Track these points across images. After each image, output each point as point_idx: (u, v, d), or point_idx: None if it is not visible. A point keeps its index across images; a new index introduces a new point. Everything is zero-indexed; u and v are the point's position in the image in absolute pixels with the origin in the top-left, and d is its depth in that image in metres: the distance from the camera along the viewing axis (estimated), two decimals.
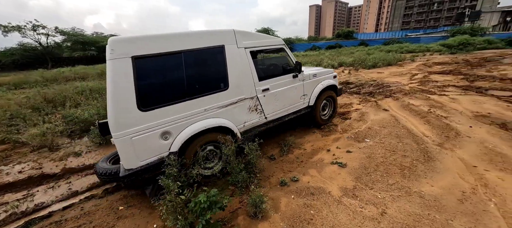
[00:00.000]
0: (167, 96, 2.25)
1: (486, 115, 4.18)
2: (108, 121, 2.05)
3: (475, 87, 6.62)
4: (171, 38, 2.25)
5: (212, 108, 2.55)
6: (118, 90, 1.99)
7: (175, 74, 2.31)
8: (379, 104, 5.24)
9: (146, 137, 2.15)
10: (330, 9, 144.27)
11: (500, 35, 29.22)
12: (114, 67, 1.98)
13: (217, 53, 2.57)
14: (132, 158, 2.13)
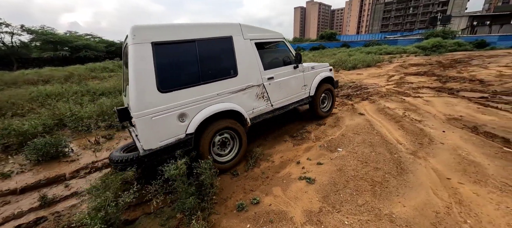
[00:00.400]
0: (183, 80, 2.42)
1: (458, 118, 4.13)
2: (129, 103, 2.25)
3: (447, 88, 6.74)
4: (186, 27, 2.48)
5: (224, 93, 2.73)
6: (139, 72, 2.13)
7: (190, 60, 2.49)
8: (355, 107, 5.07)
9: (164, 117, 2.27)
10: (314, 11, 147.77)
11: (468, 38, 31.39)
12: (136, 52, 2.13)
13: (226, 43, 2.80)
14: (152, 139, 2.23)
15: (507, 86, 6.60)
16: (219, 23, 2.78)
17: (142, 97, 2.15)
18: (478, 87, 6.58)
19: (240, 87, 2.90)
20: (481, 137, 3.27)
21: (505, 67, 11.15)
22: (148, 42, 2.19)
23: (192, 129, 2.46)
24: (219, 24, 2.76)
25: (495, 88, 6.48)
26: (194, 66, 2.50)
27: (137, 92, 2.13)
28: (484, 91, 6.18)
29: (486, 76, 8.58)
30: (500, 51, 22.08)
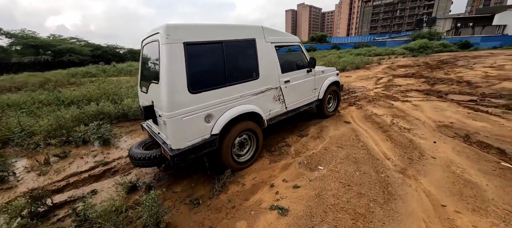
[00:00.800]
0: (211, 81, 2.43)
1: (448, 124, 3.85)
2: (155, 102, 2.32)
3: (435, 91, 6.54)
4: (215, 28, 2.46)
5: (246, 95, 2.76)
6: (172, 73, 2.10)
7: (217, 61, 2.48)
8: (341, 114, 4.72)
9: (193, 118, 2.28)
10: (305, 14, 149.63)
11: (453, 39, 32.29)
12: (169, 51, 2.09)
13: (250, 45, 2.82)
14: (181, 139, 2.23)
15: (494, 88, 6.47)
16: (243, 25, 2.81)
17: (174, 97, 2.14)
18: (466, 90, 6.42)
19: (260, 90, 2.94)
20: (475, 148, 2.97)
21: (490, 68, 11.23)
22: (181, 42, 2.16)
23: (217, 129, 2.48)
24: (243, 26, 2.79)
25: (483, 90, 6.33)
26: (221, 68, 2.51)
27: (169, 92, 2.11)
28: (473, 93, 6.00)
29: (472, 77, 8.51)
30: (483, 52, 22.69)
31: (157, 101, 2.36)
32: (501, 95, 5.60)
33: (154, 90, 2.39)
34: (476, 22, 42.89)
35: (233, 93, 2.61)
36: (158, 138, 2.53)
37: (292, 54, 3.99)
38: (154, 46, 2.37)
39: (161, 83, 2.13)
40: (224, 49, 2.50)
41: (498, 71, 9.56)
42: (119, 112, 5.36)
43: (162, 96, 2.14)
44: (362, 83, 8.50)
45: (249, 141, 3.00)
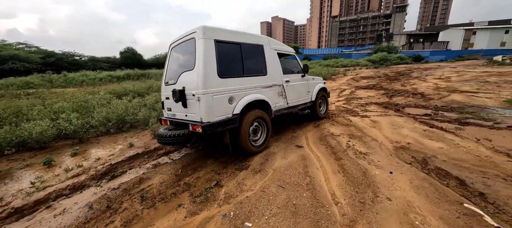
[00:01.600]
0: (233, 71, 3.09)
1: (405, 146, 3.47)
2: (189, 87, 2.83)
3: (393, 104, 6.46)
4: (235, 33, 3.22)
5: (258, 87, 3.42)
6: (206, 60, 2.73)
7: (237, 57, 3.18)
8: (295, 135, 4.12)
9: (220, 98, 2.85)
10: (279, 26, 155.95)
11: (408, 53, 35.85)
12: (204, 44, 2.76)
13: (259, 49, 3.59)
14: (211, 113, 2.76)
15: (445, 100, 6.62)
16: (254, 34, 3.53)
17: (208, 79, 2.72)
18: (421, 102, 6.44)
19: (268, 84, 3.61)
20: (434, 179, 2.52)
21: (439, 79, 12.13)
22: (212, 39, 2.85)
23: (238, 110, 3.04)
24: (254, 35, 3.53)
25: (436, 102, 6.41)
26: (240, 62, 3.18)
27: (204, 74, 2.69)
28: (427, 106, 6.00)
29: (425, 89, 8.88)
30: (432, 64, 25.35)
31: (190, 84, 2.84)
32: (452, 108, 5.64)
33: (187, 77, 2.92)
34: (425, 38, 48.71)
35: (248, 83, 3.26)
36: (186, 119, 3.01)
37: (290, 62, 4.64)
38: (188, 44, 3.00)
39: (198, 68, 2.71)
40: (241, 49, 3.22)
41: (446, 83, 10.26)
42: (15, 139, 4.03)
43: (198, 78, 2.68)
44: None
45: (260, 128, 3.56)
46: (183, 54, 3.25)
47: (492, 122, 4.48)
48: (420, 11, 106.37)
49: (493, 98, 6.63)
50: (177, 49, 3.36)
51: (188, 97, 2.89)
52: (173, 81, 3.20)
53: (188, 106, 2.93)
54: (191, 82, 2.81)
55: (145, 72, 21.78)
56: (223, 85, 2.88)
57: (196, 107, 2.78)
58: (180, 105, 2.99)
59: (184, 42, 3.13)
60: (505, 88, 8.26)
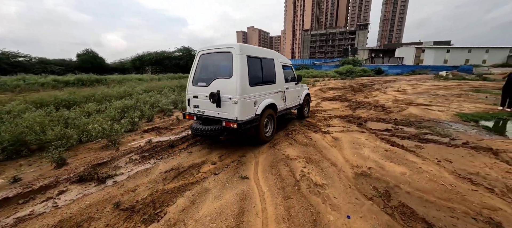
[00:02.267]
0: (258, 80, 3.85)
1: (366, 172, 2.98)
2: (225, 91, 3.46)
3: (356, 117, 6.23)
4: (258, 49, 4.06)
5: (270, 93, 4.21)
6: (243, 73, 3.42)
7: (260, 69, 3.95)
8: (243, 162, 3.37)
9: (250, 102, 3.60)
10: (255, 36, 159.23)
11: (370, 66, 38.93)
12: (241, 60, 3.44)
13: (272, 62, 4.42)
14: (243, 113, 3.45)
15: (404, 114, 6.65)
16: (268, 50, 4.41)
17: (244, 87, 3.43)
18: (382, 116, 6.34)
19: (276, 91, 4.46)
20: (398, 223, 1.98)
21: (397, 91, 12.84)
22: (245, 55, 3.56)
23: (260, 111, 3.82)
24: (268, 51, 4.41)
25: (395, 116, 6.37)
26: (260, 73, 3.97)
27: (241, 84, 3.38)
28: (388, 120, 5.87)
29: (386, 101, 9.09)
30: (391, 77, 27.68)
31: (226, 89, 3.48)
32: (410, 123, 5.56)
33: (222, 83, 3.55)
34: (384, 53, 53.90)
35: (265, 90, 4.08)
36: (219, 117, 3.65)
37: (288, 72, 5.39)
38: (224, 55, 3.68)
39: (236, 78, 3.40)
40: (261, 62, 4.04)
41: (404, 96, 10.79)
42: None
43: (236, 86, 3.38)
44: None
45: (269, 123, 4.35)
46: (217, 63, 3.91)
47: (448, 138, 4.37)
48: (379, 29, 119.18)
49: (445, 112, 6.88)
50: (209, 57, 3.95)
51: (223, 99, 3.50)
52: (204, 84, 3.80)
53: (221, 107, 3.56)
54: (227, 87, 3.46)
55: (102, 78, 19.13)
56: (251, 92, 3.63)
57: (231, 108, 3.45)
58: (211, 104, 3.63)
59: (219, 53, 3.79)
60: (453, 101, 8.86)
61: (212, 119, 3.75)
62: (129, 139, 4.81)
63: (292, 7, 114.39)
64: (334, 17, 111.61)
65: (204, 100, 3.77)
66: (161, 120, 6.54)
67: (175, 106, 8.24)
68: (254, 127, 3.77)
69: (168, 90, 10.67)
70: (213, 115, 3.72)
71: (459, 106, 7.87)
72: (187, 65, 33.58)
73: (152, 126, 5.86)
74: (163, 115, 7.11)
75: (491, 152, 3.66)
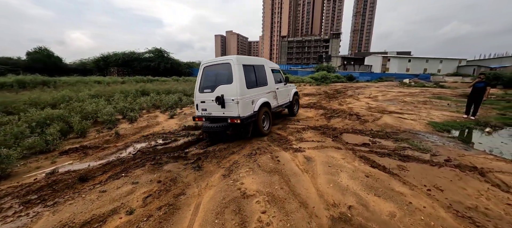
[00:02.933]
0: (252, 84, 4.67)
1: (346, 214, 2.19)
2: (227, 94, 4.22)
3: (331, 128, 5.62)
4: (251, 59, 4.92)
5: (263, 93, 5.05)
6: (241, 78, 4.21)
7: (253, 75, 4.79)
8: (176, 206, 2.35)
9: (247, 101, 4.36)
10: (233, 41, 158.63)
11: (343, 73, 40.66)
12: (239, 69, 4.24)
13: (263, 68, 5.31)
14: (244, 111, 4.23)
15: (379, 123, 6.26)
16: (259, 58, 5.32)
17: (242, 90, 4.22)
18: (357, 127, 5.83)
19: (268, 91, 5.31)
20: None
21: (369, 98, 12.94)
22: (241, 64, 4.36)
23: (256, 108, 4.60)
24: (259, 59, 5.30)
25: (371, 126, 5.92)
26: (255, 78, 4.82)
27: (240, 87, 4.18)
28: (364, 131, 5.36)
29: (360, 109, 8.82)
30: (362, 84, 28.96)
31: (228, 93, 4.24)
32: (387, 134, 5.10)
33: (225, 88, 4.30)
34: (355, 61, 57.14)
35: (260, 91, 4.89)
36: (223, 116, 4.40)
37: (277, 74, 6.27)
38: (224, 66, 4.48)
39: (235, 83, 4.17)
40: (254, 69, 4.88)
41: (375, 102, 10.78)
42: None
43: (236, 89, 4.15)
44: None
45: (266, 118, 5.16)
46: (218, 72, 4.74)
47: (429, 154, 3.90)
48: (350, 39, 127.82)
49: (417, 121, 6.69)
50: (211, 69, 4.77)
51: (227, 101, 4.27)
52: (210, 90, 4.54)
53: (226, 107, 4.32)
54: (229, 91, 4.24)
55: (51, 80, 15.93)
56: (248, 93, 4.45)
57: (234, 108, 4.23)
58: (217, 106, 4.36)
59: (220, 65, 4.59)
60: (421, 109, 8.95)
61: (219, 118, 4.45)
62: (31, 166, 3.44)
63: (269, 14, 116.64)
64: (309, 25, 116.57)
65: (210, 104, 4.44)
66: (98, 135, 5.16)
67: (123, 116, 6.84)
68: (253, 121, 4.56)
69: (119, 96, 9.08)
70: (219, 114, 4.42)
71: (428, 114, 7.86)
72: (159, 67, 31.08)
73: (80, 143, 4.49)
74: (102, 128, 5.70)
75: (478, 172, 3.21)
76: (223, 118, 4.36)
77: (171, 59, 33.54)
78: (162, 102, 8.34)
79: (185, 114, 7.49)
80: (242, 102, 4.17)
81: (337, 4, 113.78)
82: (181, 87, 13.24)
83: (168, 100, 8.56)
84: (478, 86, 7.25)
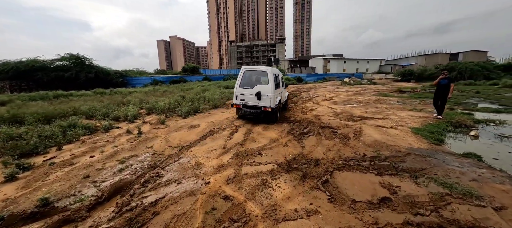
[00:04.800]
0: (277, 86, 6.87)
1: None
2: (263, 90, 6.20)
3: (313, 163, 3.52)
4: (275, 69, 7.14)
5: (280, 93, 7.13)
6: (272, 82, 6.29)
7: (277, 80, 6.95)
8: None
9: (274, 97, 6.24)
10: (179, 46, 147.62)
11: (291, 75, 41.81)
12: (271, 76, 6.35)
13: (279, 75, 7.43)
14: (274, 103, 6.16)
15: (365, 141, 4.60)
16: (277, 69, 7.57)
17: (273, 90, 6.14)
18: (344, 151, 3.97)
19: (280, 91, 7.23)
20: None
21: (326, 100, 12.02)
22: (272, 73, 6.68)
23: (277, 102, 6.44)
24: (277, 70, 7.66)
25: (359, 147, 4.18)
26: (276, 82, 6.73)
27: (272, 88, 6.13)
28: (359, 160, 3.50)
29: (327, 116, 7.30)
30: (311, 85, 29.68)
31: (264, 90, 6.16)
32: (394, 165, 3.36)
33: (262, 87, 6.23)
34: (301, 64, 60.66)
35: (278, 91, 6.80)
36: (259, 105, 6.23)
37: (282, 79, 8.07)
38: (261, 73, 6.57)
39: (270, 85, 6.16)
40: (276, 77, 6.76)
41: (337, 105, 9.72)
42: None
43: (270, 89, 6.12)
44: (202, 149, 4.37)
45: (278, 111, 6.87)
46: (256, 76, 6.66)
47: (477, 201, 2.23)
48: (293, 43, 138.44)
49: (399, 129, 5.46)
50: (251, 73, 6.72)
51: (263, 96, 6.16)
52: (249, 87, 6.40)
53: (261, 100, 6.17)
54: (265, 89, 6.18)
55: None
56: (275, 92, 6.31)
57: (267, 101, 6.13)
58: (254, 98, 6.22)
59: (258, 71, 6.70)
60: (385, 110, 8.23)
61: (254, 106, 6.30)
62: None
63: (215, 19, 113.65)
64: (256, 30, 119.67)
65: (249, 96, 6.32)
66: None
67: None
68: (274, 112, 6.29)
69: None
70: (255, 104, 6.27)
71: (399, 117, 6.97)
72: (77, 78, 23.45)
73: None
74: None
75: None
76: (258, 106, 6.23)
77: (95, 68, 26.23)
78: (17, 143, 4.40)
79: (52, 168, 3.50)
80: (273, 97, 6.15)
81: (279, 13, 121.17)
82: (88, 105, 9.06)
83: (31, 135, 4.78)
84: (442, 83, 6.73)
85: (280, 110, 7.46)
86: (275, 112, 6.31)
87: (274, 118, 6.42)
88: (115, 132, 6.05)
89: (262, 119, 6.49)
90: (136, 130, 5.88)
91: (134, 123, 7.10)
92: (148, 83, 31.00)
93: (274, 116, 6.33)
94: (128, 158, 3.96)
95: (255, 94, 6.14)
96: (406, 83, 29.03)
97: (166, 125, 6.69)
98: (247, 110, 6.25)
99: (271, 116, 6.31)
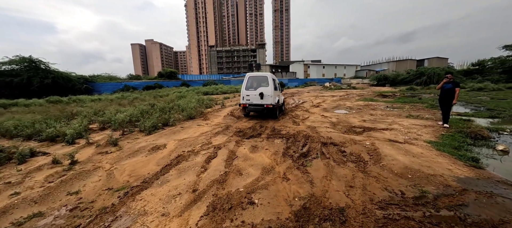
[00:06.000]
0: (276, 88, 8.20)
1: None
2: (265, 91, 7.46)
3: (338, 220, 2.29)
4: (273, 76, 8.25)
5: (278, 95, 8.18)
6: (272, 84, 7.55)
7: (276, 83, 8.28)
8: None
9: (274, 96, 7.48)
10: (156, 50, 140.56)
11: None
12: (271, 80, 7.65)
13: (277, 80, 8.60)
14: (274, 100, 7.40)
15: (390, 167, 3.47)
16: (264, 73, 7.97)
17: (273, 90, 7.42)
18: (372, 189, 2.76)
19: (279, 93, 8.41)
20: None
21: (317, 108, 11.09)
22: (272, 77, 7.95)
23: (276, 101, 7.57)
24: (275, 76, 8.51)
25: (386, 178, 3.00)
26: (276, 84, 8.08)
27: (272, 89, 7.40)
28: (394, 204, 2.32)
29: (325, 129, 6.14)
30: (293, 90, 28.96)
31: (265, 91, 7.39)
32: (434, 198, 2.23)
33: (264, 88, 7.45)
34: (282, 69, 60.77)
35: (277, 92, 7.99)
36: (261, 102, 7.42)
37: (279, 83, 9.19)
38: (263, 77, 7.88)
39: (270, 87, 7.41)
40: (274, 80, 7.94)
41: (329, 113, 8.69)
42: None
43: (271, 89, 7.37)
44: (161, 196, 2.82)
45: (278, 110, 8.08)
46: (258, 80, 7.84)
47: None
48: (274, 49, 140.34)
49: (420, 146, 4.47)
50: (254, 78, 7.98)
51: (265, 95, 7.32)
52: (253, 89, 7.63)
53: (263, 99, 7.35)
54: (266, 90, 7.36)
55: None
56: (275, 93, 7.43)
57: (269, 99, 7.29)
58: (258, 98, 7.39)
59: (260, 76, 7.94)
60: (383, 117, 7.41)
61: (258, 104, 7.45)
62: None
63: (194, 24, 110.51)
64: (236, 36, 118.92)
65: (253, 96, 7.48)
66: None
67: None
68: (275, 109, 7.51)
69: None
70: (259, 103, 7.41)
71: (403, 126, 6.11)
72: (29, 84, 19.78)
73: None
74: None
75: None
76: (261, 104, 7.39)
77: (53, 73, 22.46)
78: None
79: None
80: (273, 96, 7.31)
81: (258, 19, 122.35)
82: (16, 119, 6.81)
83: None
84: (446, 88, 6.03)
85: (279, 111, 8.70)
86: (275, 109, 7.64)
87: (274, 114, 7.76)
88: (37, 161, 4.18)
89: (266, 114, 8.11)
90: (68, 158, 4.07)
91: (74, 145, 5.21)
92: (118, 90, 27.86)
93: (274, 112, 7.70)
94: (23, 222, 2.26)
95: (258, 94, 7.41)
96: (383, 88, 29.98)
97: (119, 146, 4.94)
98: (253, 107, 7.60)
99: (272, 111, 7.68)
